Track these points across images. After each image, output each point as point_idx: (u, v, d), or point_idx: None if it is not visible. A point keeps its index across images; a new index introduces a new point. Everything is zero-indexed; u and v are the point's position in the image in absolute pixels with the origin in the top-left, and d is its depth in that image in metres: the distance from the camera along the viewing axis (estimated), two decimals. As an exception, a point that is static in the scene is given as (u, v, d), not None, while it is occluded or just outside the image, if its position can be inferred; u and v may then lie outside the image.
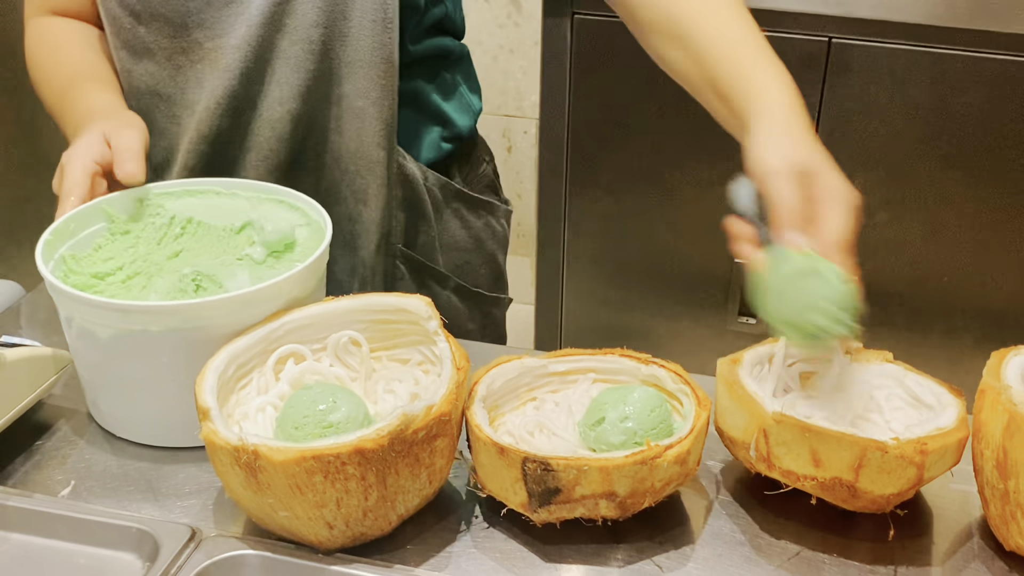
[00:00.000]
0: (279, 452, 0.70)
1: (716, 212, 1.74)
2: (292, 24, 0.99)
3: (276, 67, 1.01)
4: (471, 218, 1.18)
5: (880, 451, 0.71)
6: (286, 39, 1.00)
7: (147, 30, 1.02)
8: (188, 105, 1.05)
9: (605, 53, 1.69)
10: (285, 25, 1.00)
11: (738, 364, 0.82)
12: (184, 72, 1.03)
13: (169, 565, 0.74)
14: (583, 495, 0.75)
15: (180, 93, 1.04)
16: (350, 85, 1.03)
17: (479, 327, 1.22)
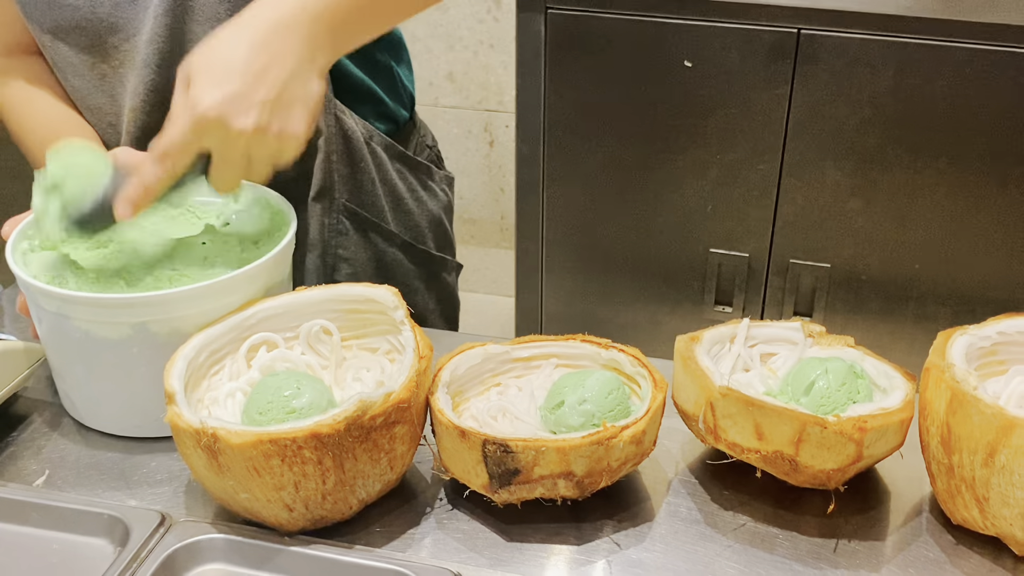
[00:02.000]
0: (237, 435, 0.72)
1: (690, 202, 1.77)
2: (197, 5, 0.99)
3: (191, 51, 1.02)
4: (414, 180, 1.21)
5: (820, 427, 0.74)
6: (194, 22, 1.00)
7: (67, 46, 1.03)
8: (118, 110, 1.06)
9: (579, 47, 1.71)
10: (190, 8, 0.99)
11: (697, 342, 0.84)
12: (108, 79, 1.04)
13: (139, 549, 0.76)
14: (542, 475, 0.77)
15: (110, 101, 1.06)
16: None
17: (428, 288, 1.25)
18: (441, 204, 1.27)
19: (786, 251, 1.77)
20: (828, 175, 1.70)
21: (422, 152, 1.25)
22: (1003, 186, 1.63)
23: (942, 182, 1.65)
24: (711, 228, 1.78)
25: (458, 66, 2.47)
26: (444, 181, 1.28)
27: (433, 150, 1.28)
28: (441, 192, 1.27)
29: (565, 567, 0.77)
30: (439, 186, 1.26)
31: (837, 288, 1.77)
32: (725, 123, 1.70)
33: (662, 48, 1.68)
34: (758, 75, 1.66)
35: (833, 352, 0.86)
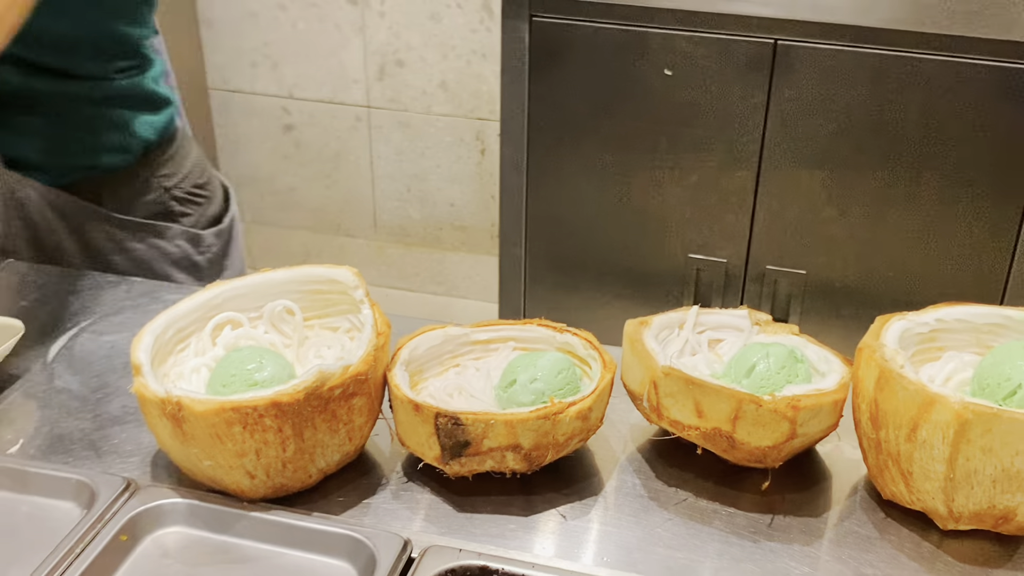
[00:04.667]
0: (200, 403, 0.76)
1: (669, 208, 1.81)
2: None
3: None
4: (127, 240, 1.21)
5: (755, 404, 0.77)
6: None
7: None
8: None
9: (562, 54, 1.76)
10: None
11: (646, 326, 0.88)
12: None
13: (104, 511, 0.80)
14: (491, 447, 0.81)
15: None
16: None
17: None
18: (172, 261, 1.24)
19: (763, 257, 1.81)
20: (804, 183, 1.73)
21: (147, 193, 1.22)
22: (974, 195, 1.67)
23: (915, 191, 1.69)
24: (690, 234, 1.82)
25: (451, 75, 2.52)
26: (181, 236, 1.25)
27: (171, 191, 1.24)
28: (173, 248, 1.24)
29: (512, 536, 0.80)
30: (172, 243, 1.24)
31: (813, 294, 1.81)
32: (704, 131, 1.74)
33: (643, 57, 1.72)
34: (736, 84, 1.70)
35: (777, 339, 0.90)
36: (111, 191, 1.20)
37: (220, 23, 2.60)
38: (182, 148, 1.27)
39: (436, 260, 2.77)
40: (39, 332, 1.04)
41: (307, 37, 2.57)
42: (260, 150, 2.76)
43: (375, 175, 2.71)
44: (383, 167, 2.69)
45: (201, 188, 1.29)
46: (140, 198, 1.22)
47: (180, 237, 1.25)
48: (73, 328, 1.05)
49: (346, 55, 2.57)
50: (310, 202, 2.79)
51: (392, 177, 2.69)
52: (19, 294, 1.11)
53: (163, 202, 1.24)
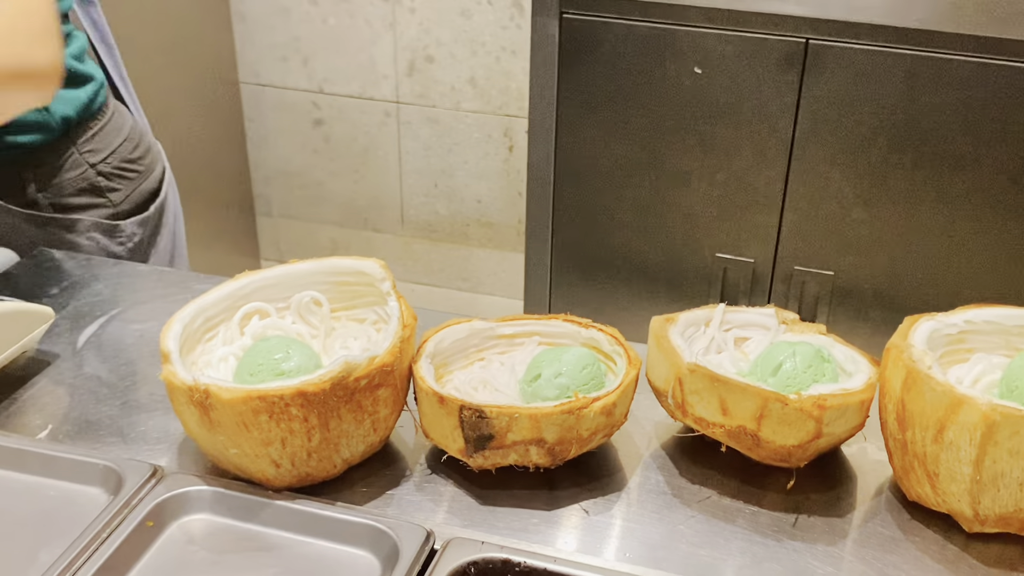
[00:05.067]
0: (228, 391, 0.77)
1: (697, 207, 1.80)
2: None
3: None
4: (33, 232, 1.20)
5: (780, 403, 0.77)
6: None
7: None
8: None
9: (592, 51, 1.75)
10: None
11: (672, 323, 0.88)
12: None
13: (131, 497, 0.80)
14: (514, 441, 0.81)
15: None
16: None
17: None
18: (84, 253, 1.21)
19: (791, 258, 1.80)
20: (833, 184, 1.72)
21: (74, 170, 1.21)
22: (1006, 199, 1.65)
23: (946, 194, 1.68)
24: (717, 233, 1.81)
25: (480, 71, 2.52)
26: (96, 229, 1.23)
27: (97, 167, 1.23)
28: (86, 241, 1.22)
29: (534, 530, 0.81)
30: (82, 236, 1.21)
31: (840, 296, 1.80)
32: (733, 130, 1.73)
33: (673, 55, 1.71)
34: (766, 83, 1.69)
35: (804, 338, 0.89)
36: (34, 169, 1.18)
37: (252, 18, 2.62)
38: (111, 124, 1.24)
39: (462, 256, 2.77)
40: (69, 320, 1.05)
41: (338, 32, 2.58)
42: (290, 144, 2.77)
43: (403, 170, 2.72)
44: (411, 162, 2.70)
45: (132, 163, 1.26)
46: (65, 174, 1.20)
47: (93, 229, 1.23)
48: (103, 316, 1.06)
49: (376, 50, 2.58)
50: (338, 197, 2.80)
51: (420, 173, 2.70)
52: (50, 282, 1.12)
53: (88, 178, 1.22)
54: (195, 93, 2.51)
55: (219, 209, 2.70)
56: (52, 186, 1.20)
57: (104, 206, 1.24)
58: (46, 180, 1.20)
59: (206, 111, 2.56)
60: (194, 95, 2.50)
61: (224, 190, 2.71)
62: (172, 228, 1.34)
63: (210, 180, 2.63)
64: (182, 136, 2.43)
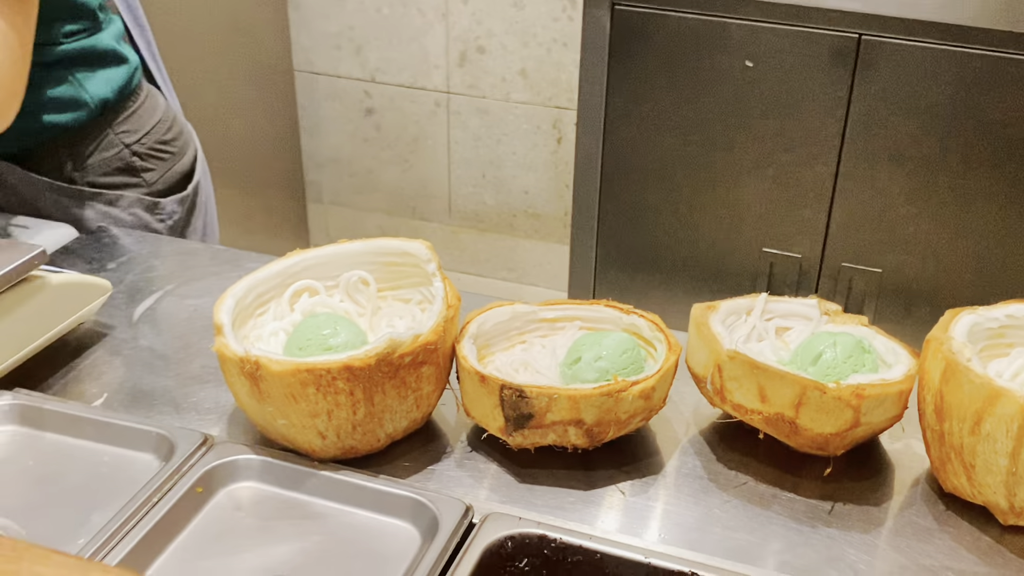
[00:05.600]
0: (277, 364, 0.79)
1: (745, 201, 1.80)
2: None
3: None
4: (76, 209, 1.23)
5: (819, 391, 0.77)
6: None
7: None
8: None
9: (643, 43, 1.76)
10: None
11: (713, 310, 0.89)
12: None
13: (182, 464, 0.83)
14: (553, 421, 0.83)
15: None
16: None
17: None
18: (126, 228, 1.24)
19: (838, 254, 1.79)
20: (883, 180, 1.72)
21: (109, 150, 1.24)
22: (1059, 199, 1.63)
23: (996, 193, 1.66)
24: (765, 228, 1.81)
25: (531, 63, 2.53)
26: (138, 205, 1.26)
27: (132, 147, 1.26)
28: (127, 216, 1.25)
29: (571, 509, 0.82)
30: (126, 211, 1.25)
31: (887, 293, 1.79)
32: (783, 124, 1.73)
33: (725, 48, 1.72)
34: (818, 78, 1.69)
35: (846, 329, 0.90)
36: (70, 148, 1.22)
37: (307, 6, 2.66)
38: (145, 105, 1.28)
39: (508, 247, 2.79)
40: (126, 293, 1.08)
41: (391, 22, 2.61)
42: (341, 132, 2.81)
43: (451, 160, 2.74)
44: (460, 152, 2.72)
45: (166, 145, 1.30)
46: (101, 154, 1.24)
47: (135, 206, 1.27)
48: (158, 291, 1.09)
49: (428, 40, 2.60)
50: (387, 185, 2.84)
51: (468, 163, 2.72)
52: (108, 257, 1.15)
53: (124, 158, 1.26)
54: (250, 81, 2.55)
55: (271, 195, 2.74)
56: (88, 165, 1.23)
57: (139, 186, 1.28)
58: (82, 159, 1.23)
59: (261, 99, 2.61)
60: (249, 83, 2.55)
61: (277, 176, 2.75)
62: (205, 208, 1.38)
63: (263, 166, 2.68)
64: (237, 123, 2.47)
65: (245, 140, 2.53)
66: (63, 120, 1.20)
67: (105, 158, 1.24)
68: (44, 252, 0.93)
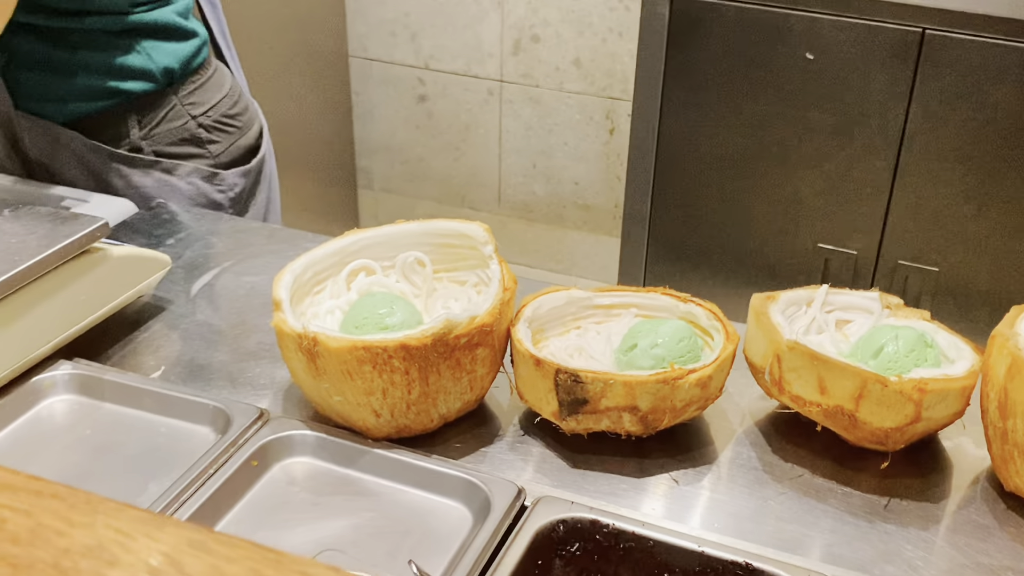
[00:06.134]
0: (334, 340, 0.79)
1: (801, 195, 1.78)
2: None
3: None
4: (135, 176, 1.25)
5: (880, 384, 0.76)
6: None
7: None
8: None
9: (701, 34, 1.75)
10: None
11: (772, 300, 0.88)
12: None
13: (238, 437, 0.84)
14: (608, 407, 0.82)
15: None
16: None
17: None
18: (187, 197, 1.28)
19: (895, 251, 1.77)
20: (943, 178, 1.69)
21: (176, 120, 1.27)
22: (1125, 200, 1.60)
23: (1061, 193, 1.63)
24: (821, 223, 1.79)
25: (585, 52, 2.52)
26: (196, 175, 1.29)
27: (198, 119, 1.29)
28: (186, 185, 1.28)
29: (623, 495, 0.82)
30: (185, 180, 1.28)
31: (944, 293, 1.76)
32: (842, 118, 1.71)
33: (785, 39, 1.70)
34: (879, 72, 1.66)
35: (908, 323, 0.88)
36: (138, 116, 1.25)
37: (364, -8, 2.67)
38: (212, 79, 1.30)
39: (557, 237, 2.79)
40: (184, 268, 1.10)
41: (447, 9, 2.61)
42: (394, 119, 2.82)
43: (503, 149, 2.74)
44: (511, 142, 2.72)
45: (232, 119, 1.32)
46: (168, 123, 1.26)
47: (193, 175, 1.29)
48: (216, 267, 1.10)
49: (483, 28, 2.60)
50: (438, 173, 2.84)
51: (519, 152, 2.72)
52: (167, 233, 1.17)
53: (190, 129, 1.28)
54: (306, 65, 2.57)
55: (322, 180, 2.76)
56: (155, 134, 1.26)
57: (203, 157, 1.30)
58: (149, 128, 1.26)
59: (315, 83, 2.62)
60: (305, 67, 2.56)
61: (328, 161, 2.77)
62: (269, 185, 1.41)
63: (316, 151, 2.69)
64: (291, 106, 2.49)
65: (298, 124, 2.55)
66: (129, 88, 1.23)
67: (172, 128, 1.27)
68: (107, 225, 0.94)
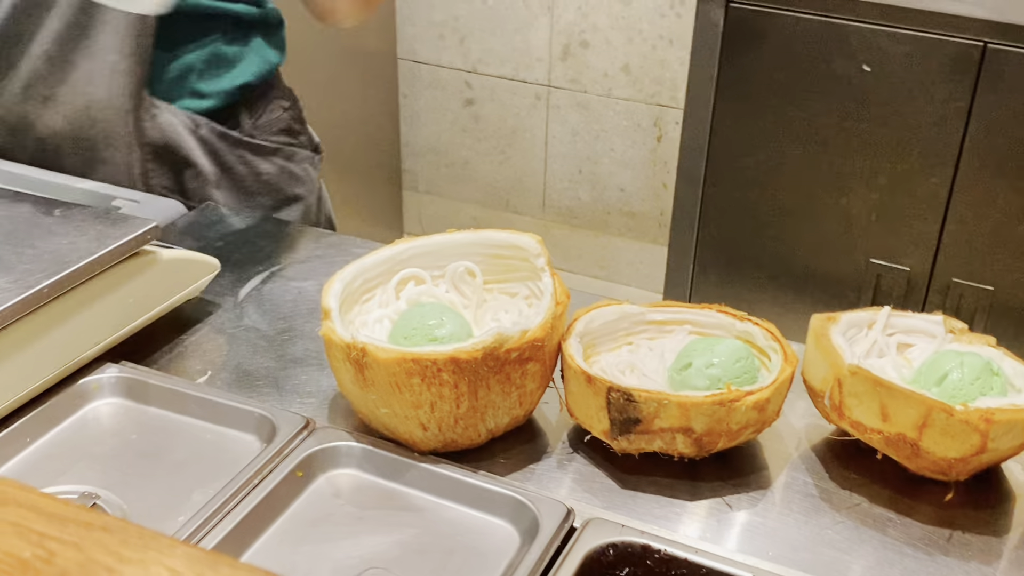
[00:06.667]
0: (383, 352, 0.78)
1: (854, 210, 1.75)
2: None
3: (42, 12, 1.12)
4: (259, 163, 1.29)
5: (945, 413, 0.74)
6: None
7: None
8: None
9: (756, 42, 1.72)
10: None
11: (833, 322, 0.85)
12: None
13: (283, 447, 0.83)
14: (661, 428, 0.80)
15: None
16: (104, 40, 1.13)
17: None
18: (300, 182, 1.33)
19: (949, 269, 1.73)
20: (1001, 195, 1.65)
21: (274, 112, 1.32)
22: None
23: (1126, 213, 1.58)
24: (873, 238, 1.76)
25: (634, 59, 2.50)
26: (306, 161, 1.34)
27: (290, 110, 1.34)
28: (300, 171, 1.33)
29: (675, 519, 0.79)
30: (299, 166, 1.33)
31: (999, 312, 1.72)
32: (899, 132, 1.67)
33: (842, 50, 1.66)
34: (938, 86, 1.62)
35: (973, 349, 0.85)
36: (248, 108, 1.30)
37: (414, -6, 2.66)
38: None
39: (601, 244, 2.76)
40: (231, 272, 1.09)
41: (496, 13, 2.60)
42: (440, 122, 2.81)
43: (548, 154, 2.72)
44: (557, 147, 2.70)
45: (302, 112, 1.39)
46: (270, 115, 1.32)
47: (305, 161, 1.35)
48: (264, 271, 1.09)
49: (532, 33, 2.59)
50: (483, 177, 2.83)
51: (565, 158, 2.70)
52: (215, 235, 1.16)
53: (284, 119, 1.34)
54: (355, 67, 2.57)
55: (368, 180, 2.76)
56: (261, 124, 1.31)
57: (299, 146, 1.36)
58: (256, 118, 1.31)
59: (364, 85, 2.62)
60: (354, 69, 2.56)
61: (375, 163, 2.77)
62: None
63: (362, 152, 2.69)
64: (340, 107, 2.49)
65: (345, 125, 2.54)
66: (255, 80, 1.28)
67: (272, 119, 1.32)
68: (157, 227, 0.93)
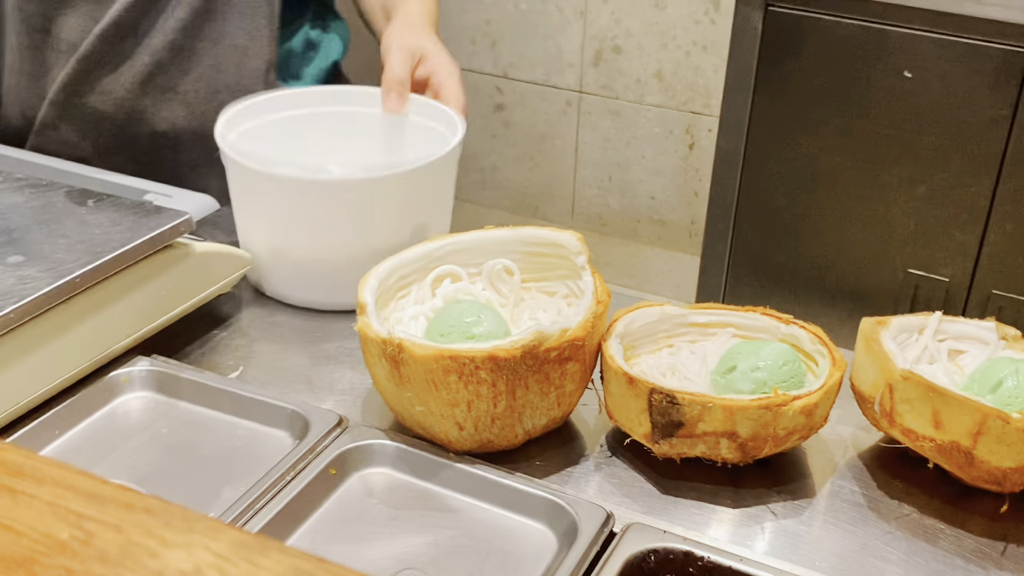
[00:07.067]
0: (420, 348, 0.76)
1: (892, 218, 1.71)
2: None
3: (166, 4, 1.11)
4: None
5: (1002, 421, 0.71)
6: None
7: None
8: (73, 37, 1.13)
9: (795, 48, 1.69)
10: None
11: (883, 326, 0.83)
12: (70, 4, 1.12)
13: (316, 444, 0.81)
14: (705, 432, 0.78)
15: (68, 29, 1.13)
16: (232, 24, 1.12)
17: None
18: None
19: (989, 281, 1.69)
20: (1045, 205, 1.61)
21: None
22: None
23: None
24: (912, 248, 1.72)
25: (667, 65, 2.48)
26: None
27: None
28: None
29: (718, 526, 0.77)
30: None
31: (1040, 324, 1.68)
32: (940, 140, 1.64)
33: (882, 56, 1.63)
34: (981, 93, 1.59)
35: (1027, 356, 0.83)
36: None
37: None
38: None
39: (631, 252, 2.73)
40: (265, 268, 1.07)
41: (528, 17, 2.59)
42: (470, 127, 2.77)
43: (579, 161, 2.70)
44: (587, 154, 2.68)
45: None
46: None
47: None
48: (296, 268, 1.08)
49: (564, 38, 2.57)
50: (512, 183, 2.81)
51: (595, 164, 2.68)
52: (248, 231, 1.15)
53: None
54: (385, 68, 2.56)
55: (396, 184, 2.75)
56: None
57: None
58: None
59: (394, 87, 2.61)
60: (384, 70, 2.55)
61: (403, 166, 2.75)
62: None
63: (391, 155, 2.68)
64: (369, 109, 2.48)
65: (376, 128, 2.53)
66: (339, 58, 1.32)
67: None
68: (190, 220, 0.92)
